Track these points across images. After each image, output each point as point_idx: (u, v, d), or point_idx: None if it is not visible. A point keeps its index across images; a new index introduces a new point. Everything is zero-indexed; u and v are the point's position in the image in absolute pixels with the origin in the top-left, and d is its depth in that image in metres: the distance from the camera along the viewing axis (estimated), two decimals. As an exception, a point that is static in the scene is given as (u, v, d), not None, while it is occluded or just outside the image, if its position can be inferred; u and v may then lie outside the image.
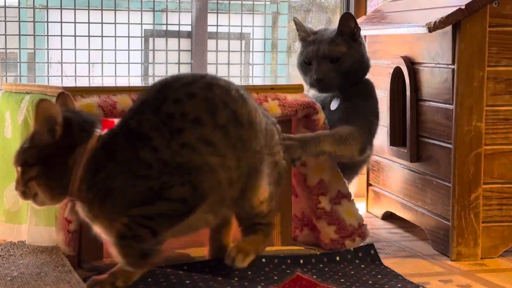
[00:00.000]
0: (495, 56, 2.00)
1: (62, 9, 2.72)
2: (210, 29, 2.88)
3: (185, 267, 1.77)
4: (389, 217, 2.49)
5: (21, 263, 1.71)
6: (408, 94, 2.22)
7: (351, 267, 1.88)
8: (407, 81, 2.22)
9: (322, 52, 2.14)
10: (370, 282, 1.76)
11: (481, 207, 2.02)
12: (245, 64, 2.99)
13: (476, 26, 1.98)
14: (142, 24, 2.86)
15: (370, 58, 2.23)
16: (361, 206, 2.38)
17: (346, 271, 1.85)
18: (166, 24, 2.88)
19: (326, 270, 1.85)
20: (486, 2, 1.96)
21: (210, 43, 2.88)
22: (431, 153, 2.14)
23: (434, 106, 2.12)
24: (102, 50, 2.78)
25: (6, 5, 2.70)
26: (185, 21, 2.86)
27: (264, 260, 1.83)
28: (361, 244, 2.04)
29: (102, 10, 2.76)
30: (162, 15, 2.91)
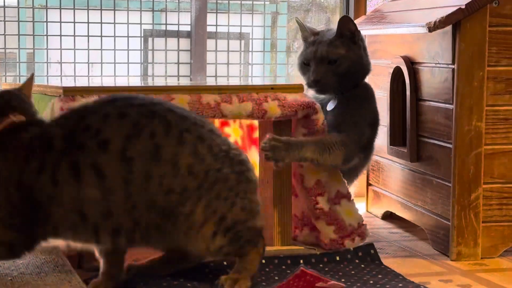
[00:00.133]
0: (495, 56, 2.00)
1: (61, 9, 2.72)
2: (210, 29, 2.87)
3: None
4: (389, 217, 2.49)
5: (21, 263, 1.71)
6: (408, 94, 2.22)
7: (351, 267, 1.89)
8: (407, 81, 2.22)
9: (320, 53, 2.13)
10: (371, 282, 1.76)
11: (481, 207, 2.02)
12: (244, 64, 2.98)
13: (476, 26, 1.98)
14: (141, 24, 2.85)
15: (370, 58, 2.22)
16: (361, 206, 2.38)
17: (346, 271, 1.85)
18: (166, 24, 2.87)
19: (326, 270, 1.85)
20: (486, 2, 1.96)
21: (210, 43, 2.88)
22: (431, 153, 2.14)
23: (434, 106, 2.12)
24: (102, 50, 2.78)
25: (5, 5, 2.69)
26: (184, 21, 2.85)
27: (264, 260, 1.82)
28: (360, 244, 2.04)
29: (101, 10, 2.76)
30: (161, 15, 2.90)
